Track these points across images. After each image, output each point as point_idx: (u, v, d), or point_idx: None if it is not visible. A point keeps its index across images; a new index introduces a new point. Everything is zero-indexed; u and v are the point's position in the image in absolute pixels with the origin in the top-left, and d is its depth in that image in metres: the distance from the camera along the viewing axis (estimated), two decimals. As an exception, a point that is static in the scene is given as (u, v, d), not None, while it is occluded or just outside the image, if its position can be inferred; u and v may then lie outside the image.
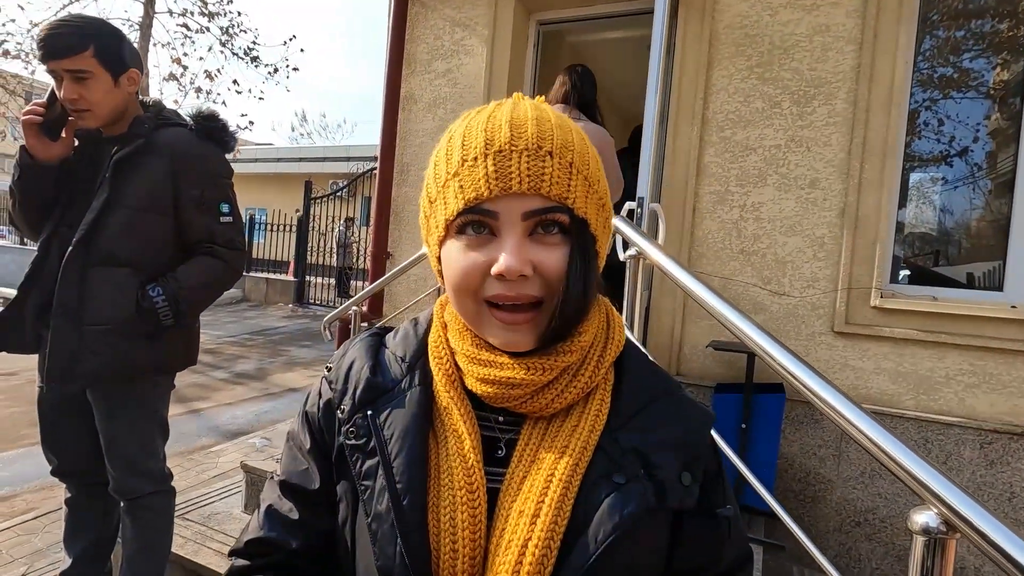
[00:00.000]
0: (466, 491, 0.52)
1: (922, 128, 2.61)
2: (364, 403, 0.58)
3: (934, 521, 0.81)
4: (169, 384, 1.67)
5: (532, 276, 0.51)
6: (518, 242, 0.51)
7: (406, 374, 0.60)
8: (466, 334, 0.58)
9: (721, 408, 2.29)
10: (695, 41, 2.70)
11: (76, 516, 1.68)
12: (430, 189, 0.56)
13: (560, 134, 0.53)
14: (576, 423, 0.55)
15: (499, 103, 0.56)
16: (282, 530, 0.61)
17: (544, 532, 0.50)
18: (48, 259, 1.52)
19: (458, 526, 0.51)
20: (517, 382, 0.54)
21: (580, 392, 0.56)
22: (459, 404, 0.57)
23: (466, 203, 0.51)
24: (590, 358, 0.57)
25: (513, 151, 0.51)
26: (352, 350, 0.64)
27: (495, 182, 0.50)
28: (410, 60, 3.37)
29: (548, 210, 0.52)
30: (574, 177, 0.53)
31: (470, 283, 0.53)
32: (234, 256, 1.64)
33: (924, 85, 2.58)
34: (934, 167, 2.67)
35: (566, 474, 0.52)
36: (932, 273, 2.65)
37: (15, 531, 2.47)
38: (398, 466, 0.54)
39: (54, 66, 1.40)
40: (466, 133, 0.54)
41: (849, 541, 2.42)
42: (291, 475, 0.63)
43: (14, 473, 3.38)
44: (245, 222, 11.44)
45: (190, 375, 5.68)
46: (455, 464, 0.53)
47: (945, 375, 2.30)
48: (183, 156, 1.54)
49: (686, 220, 2.69)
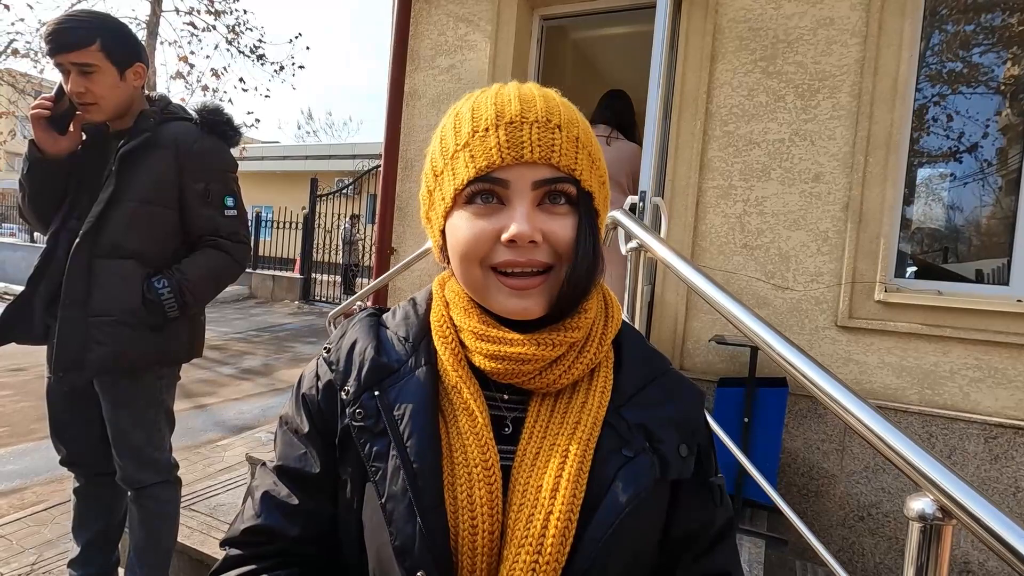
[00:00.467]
0: (482, 468, 0.53)
1: (931, 123, 2.59)
2: (371, 383, 0.57)
3: (930, 508, 0.81)
4: (175, 376, 1.69)
5: (541, 244, 0.53)
6: (528, 209, 0.52)
7: (411, 354, 0.59)
8: (472, 311, 0.58)
9: (724, 402, 2.29)
10: (698, 35, 2.69)
11: (84, 505, 1.71)
12: (436, 163, 0.57)
13: (566, 111, 0.56)
14: (584, 399, 0.57)
15: (503, 84, 0.58)
16: (281, 517, 0.59)
17: (565, 505, 0.51)
18: (57, 251, 1.54)
19: (476, 503, 0.52)
20: (528, 357, 0.54)
21: (586, 368, 0.58)
22: (468, 383, 0.57)
23: (477, 171, 0.52)
24: (593, 334, 0.59)
25: (524, 122, 0.53)
26: (352, 330, 0.63)
27: (507, 151, 0.52)
28: (413, 56, 3.38)
29: (558, 180, 0.53)
30: (580, 151, 0.55)
31: (479, 249, 0.53)
32: (238, 249, 1.65)
33: (933, 80, 2.56)
34: (943, 163, 2.65)
35: (581, 448, 0.54)
36: (940, 269, 2.63)
37: (25, 522, 2.51)
38: (412, 446, 0.53)
39: (61, 59, 1.42)
40: (475, 107, 0.55)
41: (852, 536, 2.41)
42: (288, 460, 0.61)
43: (24, 466, 3.42)
44: (251, 220, 11.51)
45: (197, 371, 5.73)
46: (469, 442, 0.54)
47: (950, 369, 2.29)
48: (188, 150, 1.55)
49: (689, 214, 2.69)
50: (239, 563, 0.59)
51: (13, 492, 3.09)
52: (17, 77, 9.82)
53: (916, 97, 2.48)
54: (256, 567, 0.58)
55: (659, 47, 2.18)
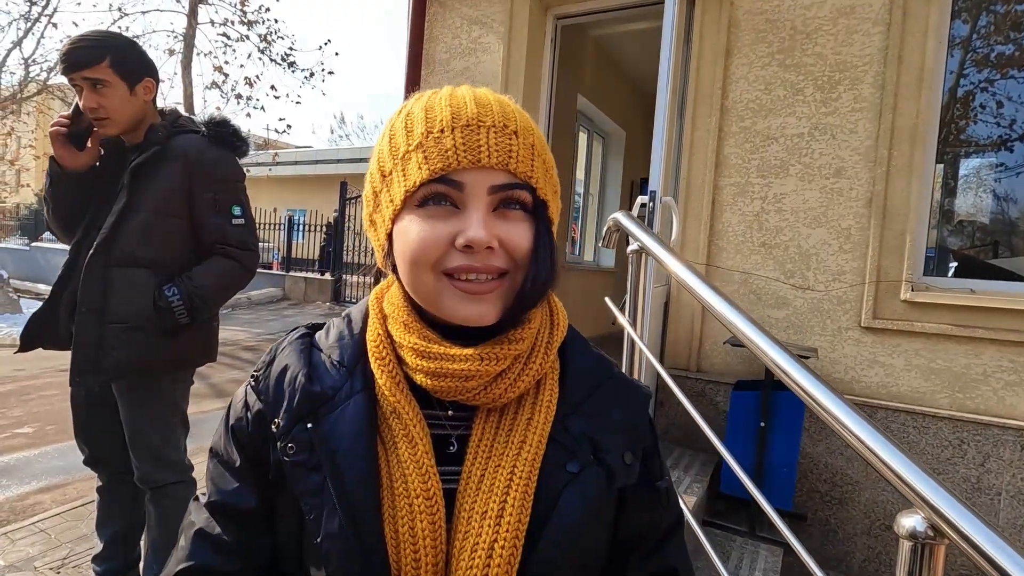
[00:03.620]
0: (423, 498, 0.51)
1: (972, 112, 2.46)
2: (303, 415, 0.54)
3: (921, 525, 0.77)
4: (188, 379, 1.75)
5: (497, 250, 0.51)
6: (485, 214, 0.50)
7: (346, 379, 0.56)
8: (412, 326, 0.55)
9: (738, 406, 2.24)
10: (713, 29, 2.63)
11: (107, 503, 1.78)
12: (384, 163, 0.54)
13: (522, 119, 0.54)
14: (530, 415, 0.55)
15: (454, 87, 0.56)
16: (215, 555, 0.57)
17: (510, 532, 0.50)
18: (79, 260, 1.61)
19: (418, 535, 0.50)
20: (471, 373, 0.52)
21: (531, 380, 0.55)
22: (407, 406, 0.54)
23: (431, 173, 0.50)
24: (539, 345, 0.57)
25: (480, 126, 0.51)
26: (282, 355, 0.59)
27: (464, 154, 0.50)
28: (428, 60, 3.41)
29: (514, 186, 0.52)
30: (536, 159, 0.53)
31: (431, 254, 0.50)
32: (246, 256, 1.69)
33: (979, 65, 2.43)
34: (991, 152, 2.51)
35: (527, 469, 0.52)
36: (985, 265, 2.50)
37: (64, 516, 2.64)
38: (349, 481, 0.51)
39: (74, 77, 1.48)
40: (428, 107, 0.53)
41: (879, 545, 2.32)
42: (221, 495, 0.58)
43: (68, 463, 3.59)
44: (284, 224, 11.82)
45: (231, 371, 5.92)
46: (409, 471, 0.51)
47: (983, 372, 2.17)
48: (196, 161, 1.60)
49: (704, 213, 2.63)
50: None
51: (57, 487, 3.25)
52: (67, 92, 10.34)
53: (961, 83, 2.36)
54: None
55: (667, 44, 2.14)
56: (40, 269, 12.56)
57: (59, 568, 2.05)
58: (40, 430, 4.11)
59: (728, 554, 2.05)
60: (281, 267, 12.05)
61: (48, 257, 12.62)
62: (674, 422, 2.62)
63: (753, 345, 1.04)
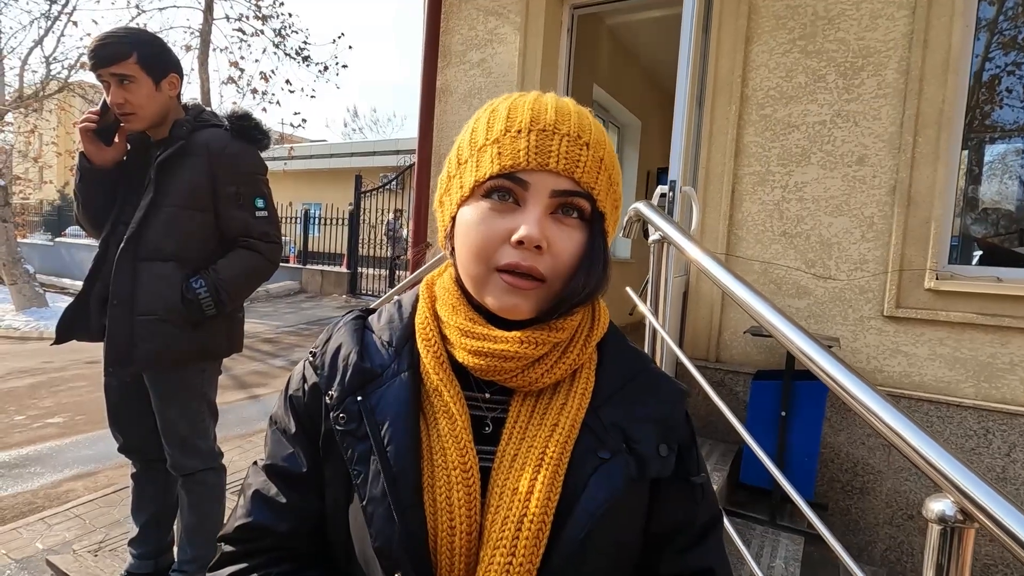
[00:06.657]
0: (460, 471, 0.54)
1: (999, 96, 2.41)
2: (354, 389, 0.58)
3: (950, 510, 0.77)
4: (216, 369, 1.79)
5: (545, 252, 0.54)
6: (541, 215, 0.54)
7: (394, 358, 0.60)
8: (460, 308, 0.59)
9: (759, 396, 2.23)
10: (732, 16, 2.59)
11: (141, 489, 1.84)
12: (462, 152, 0.58)
13: (596, 131, 0.57)
14: (564, 401, 0.58)
15: (541, 92, 0.60)
16: (270, 514, 0.61)
17: (539, 509, 0.52)
18: (108, 254, 1.65)
19: (455, 505, 0.53)
20: (511, 355, 0.55)
21: (568, 369, 0.58)
22: (448, 385, 0.58)
23: (502, 168, 0.54)
24: (578, 337, 0.59)
25: (556, 133, 0.54)
26: (337, 335, 0.64)
27: (534, 155, 0.54)
28: (445, 52, 3.41)
29: (576, 193, 0.55)
30: (602, 172, 0.56)
31: (488, 248, 0.54)
32: (270, 248, 1.72)
33: (1003, 48, 2.37)
34: (1019, 137, 2.45)
35: (557, 451, 0.54)
36: (1010, 253, 2.45)
37: (97, 503, 2.72)
38: (392, 451, 0.54)
39: (102, 72, 1.51)
40: (511, 108, 0.57)
41: (901, 535, 2.31)
42: (277, 459, 0.63)
43: (98, 451, 3.70)
44: (300, 217, 11.92)
45: (251, 363, 6.02)
46: (448, 445, 0.55)
47: (1009, 361, 2.14)
48: (219, 155, 1.63)
49: (724, 202, 2.61)
50: (232, 560, 0.62)
51: (88, 475, 3.35)
52: (87, 89, 10.50)
53: (987, 67, 2.31)
54: (248, 564, 0.61)
55: (687, 31, 2.12)
56: (64, 264, 12.83)
57: (96, 551, 2.11)
58: (70, 420, 4.23)
59: (749, 542, 2.06)
60: (298, 260, 12.17)
61: (72, 252, 12.89)
62: (693, 412, 2.61)
63: (780, 333, 1.04)
